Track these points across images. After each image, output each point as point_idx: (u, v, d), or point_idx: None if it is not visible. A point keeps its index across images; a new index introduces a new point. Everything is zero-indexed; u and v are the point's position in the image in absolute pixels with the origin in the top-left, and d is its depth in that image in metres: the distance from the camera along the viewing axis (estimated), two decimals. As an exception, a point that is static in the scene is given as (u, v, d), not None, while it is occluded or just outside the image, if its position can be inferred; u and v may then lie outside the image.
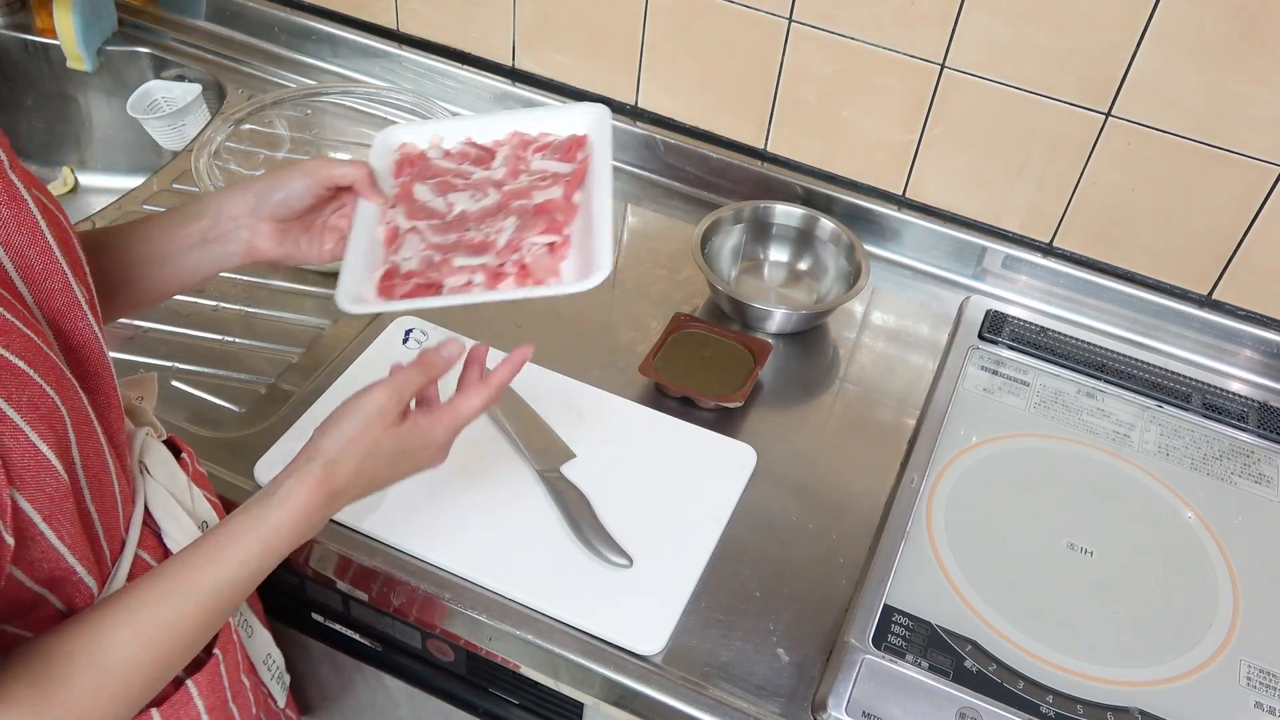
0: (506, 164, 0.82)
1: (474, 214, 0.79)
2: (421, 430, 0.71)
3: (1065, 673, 0.81)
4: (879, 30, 1.09)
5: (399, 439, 0.70)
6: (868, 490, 0.94)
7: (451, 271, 0.76)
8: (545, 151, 0.83)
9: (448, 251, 0.77)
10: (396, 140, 0.83)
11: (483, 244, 0.78)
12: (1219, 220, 1.06)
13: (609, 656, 0.79)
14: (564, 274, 0.76)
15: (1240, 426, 1.03)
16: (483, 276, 0.76)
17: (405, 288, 0.76)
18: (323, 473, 0.67)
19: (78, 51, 1.33)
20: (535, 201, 0.79)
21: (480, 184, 0.81)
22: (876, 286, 1.17)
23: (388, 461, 0.70)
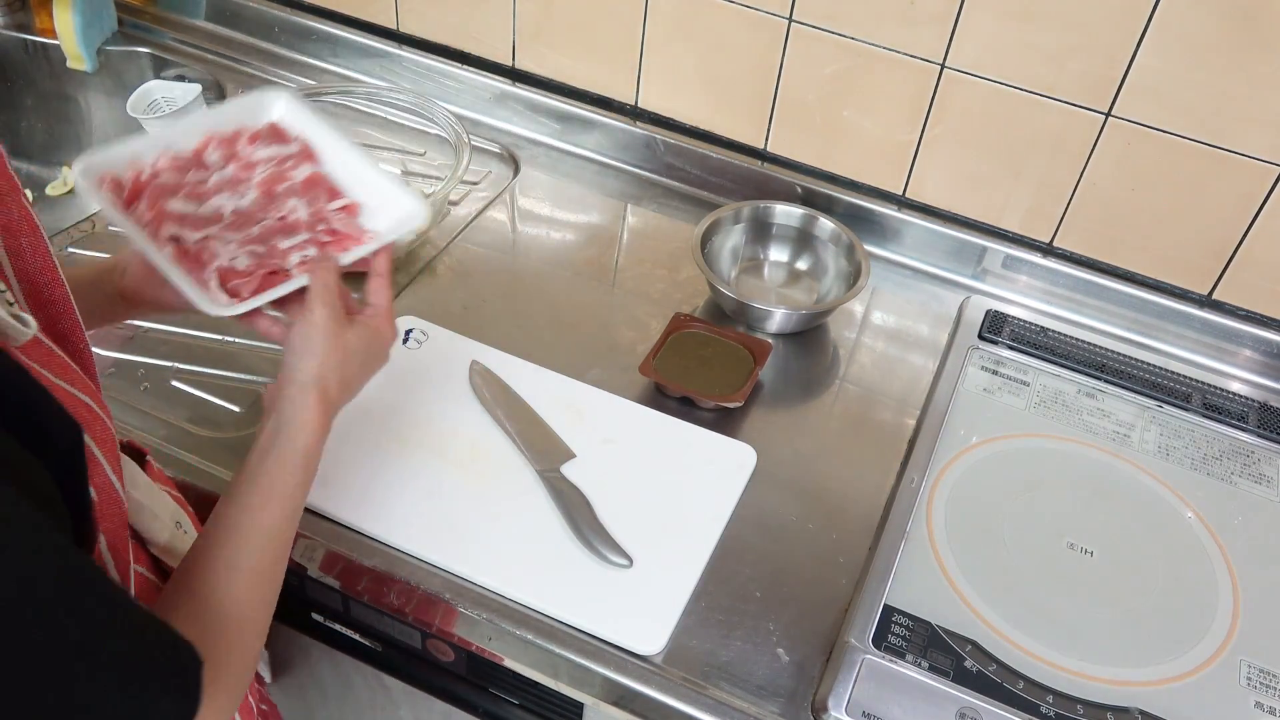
0: (228, 161, 0.81)
1: (252, 207, 0.79)
2: (369, 323, 0.77)
3: (1065, 673, 0.81)
4: (879, 30, 1.09)
5: (359, 333, 0.76)
6: (868, 490, 0.94)
7: (284, 254, 0.78)
8: (256, 142, 0.82)
9: (264, 241, 0.78)
10: (95, 176, 0.77)
11: (289, 225, 0.79)
12: (1219, 220, 1.06)
13: (609, 656, 0.79)
14: (378, 228, 0.81)
15: (1240, 426, 1.03)
16: (314, 250, 0.78)
17: (254, 283, 0.76)
18: (317, 391, 0.72)
19: (78, 51, 1.33)
20: (298, 180, 0.81)
21: (227, 183, 0.80)
22: (876, 286, 1.17)
23: (360, 361, 0.76)
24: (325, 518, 0.86)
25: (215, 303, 0.74)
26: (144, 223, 0.75)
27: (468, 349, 1.00)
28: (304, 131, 0.83)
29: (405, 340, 1.01)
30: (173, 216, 0.76)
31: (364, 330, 0.76)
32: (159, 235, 0.76)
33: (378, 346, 0.78)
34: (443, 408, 0.95)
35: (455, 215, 1.19)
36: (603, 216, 1.23)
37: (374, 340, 0.77)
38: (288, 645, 1.05)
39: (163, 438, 0.91)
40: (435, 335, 1.02)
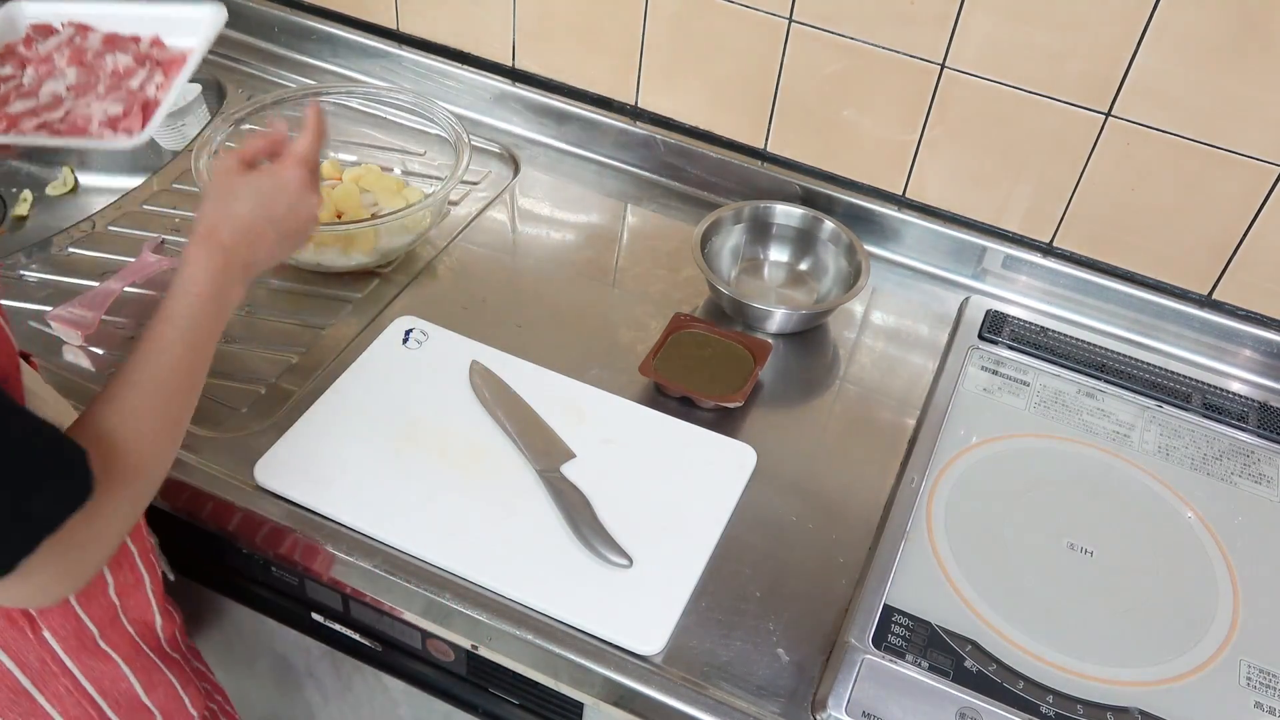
0: (23, 65, 0.85)
1: (81, 80, 0.84)
2: (269, 170, 0.80)
3: (1065, 673, 0.81)
4: (879, 30, 1.09)
5: (253, 179, 0.79)
6: (868, 490, 0.94)
7: (2, 117, 0.80)
8: (31, 44, 0.86)
9: (22, 97, 0.82)
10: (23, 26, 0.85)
11: (122, 74, 0.84)
12: (1219, 220, 1.06)
13: (609, 656, 0.79)
14: (191, 44, 0.86)
15: (1240, 426, 1.03)
16: (33, 121, 0.80)
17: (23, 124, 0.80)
18: (202, 230, 0.75)
19: (78, 51, 1.32)
20: (98, 45, 0.86)
21: (43, 75, 0.84)
22: (876, 286, 1.17)
23: (256, 201, 0.78)
24: (325, 518, 0.86)
25: None
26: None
27: (468, 349, 1.00)
28: (63, 14, 0.88)
29: (405, 340, 1.01)
30: (22, 114, 0.80)
31: (260, 174, 0.79)
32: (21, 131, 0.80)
33: (281, 188, 0.80)
34: (443, 408, 0.95)
35: (455, 215, 1.19)
36: (603, 216, 1.23)
37: (273, 182, 0.79)
38: (287, 645, 1.05)
39: (163, 438, 0.91)
40: (435, 335, 1.02)
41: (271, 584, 0.97)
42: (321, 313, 1.05)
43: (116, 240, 1.11)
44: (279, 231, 0.79)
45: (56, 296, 1.03)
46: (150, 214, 1.15)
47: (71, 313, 1.00)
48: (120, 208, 1.15)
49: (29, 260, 1.07)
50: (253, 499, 0.87)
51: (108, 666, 0.79)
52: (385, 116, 1.28)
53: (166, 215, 1.15)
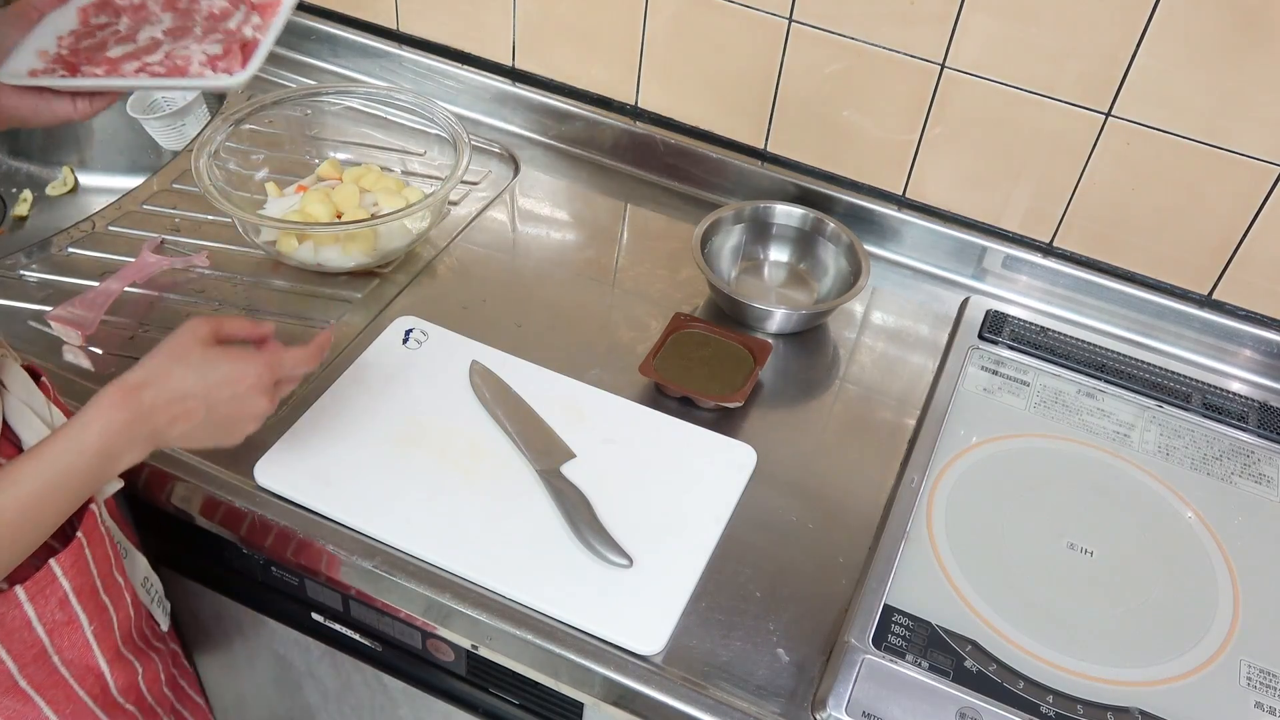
0: (118, 14, 0.85)
1: (175, 24, 0.83)
2: (234, 354, 0.74)
3: (1065, 673, 0.81)
4: (879, 30, 1.09)
5: (209, 355, 0.72)
6: (868, 490, 0.94)
7: (102, 62, 0.79)
8: None
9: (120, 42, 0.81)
10: (22, 71, 0.80)
11: (218, 15, 0.83)
12: (1219, 220, 1.06)
13: (609, 656, 0.79)
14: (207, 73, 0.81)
15: (1240, 426, 1.03)
16: (134, 65, 0.79)
17: (56, 69, 0.78)
18: (132, 380, 0.69)
19: (78, 51, 1.32)
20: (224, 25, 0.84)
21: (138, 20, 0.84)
22: (876, 286, 1.17)
23: (199, 378, 0.71)
24: (325, 518, 0.86)
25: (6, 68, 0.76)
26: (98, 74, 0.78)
27: (468, 349, 1.00)
28: None
29: (405, 340, 1.01)
30: (121, 59, 0.79)
31: (222, 353, 0.73)
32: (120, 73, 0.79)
33: (235, 378, 0.73)
34: (443, 408, 0.95)
35: (455, 215, 1.19)
36: (603, 216, 1.23)
37: (229, 367, 0.73)
38: (287, 645, 1.05)
39: (163, 438, 0.91)
40: (435, 335, 1.02)
41: (271, 584, 0.97)
42: (321, 313, 1.05)
43: (116, 240, 1.11)
44: (212, 418, 0.73)
45: (56, 296, 1.03)
46: (150, 214, 1.15)
47: (71, 313, 1.00)
48: (120, 208, 1.15)
49: (29, 260, 1.07)
50: (253, 499, 0.87)
51: (27, 709, 0.73)
52: (385, 116, 1.28)
53: (166, 215, 1.15)
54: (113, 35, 0.82)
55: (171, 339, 0.73)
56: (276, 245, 1.09)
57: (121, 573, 0.80)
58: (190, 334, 0.73)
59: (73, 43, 0.81)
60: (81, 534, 0.72)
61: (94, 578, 0.74)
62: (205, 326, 0.74)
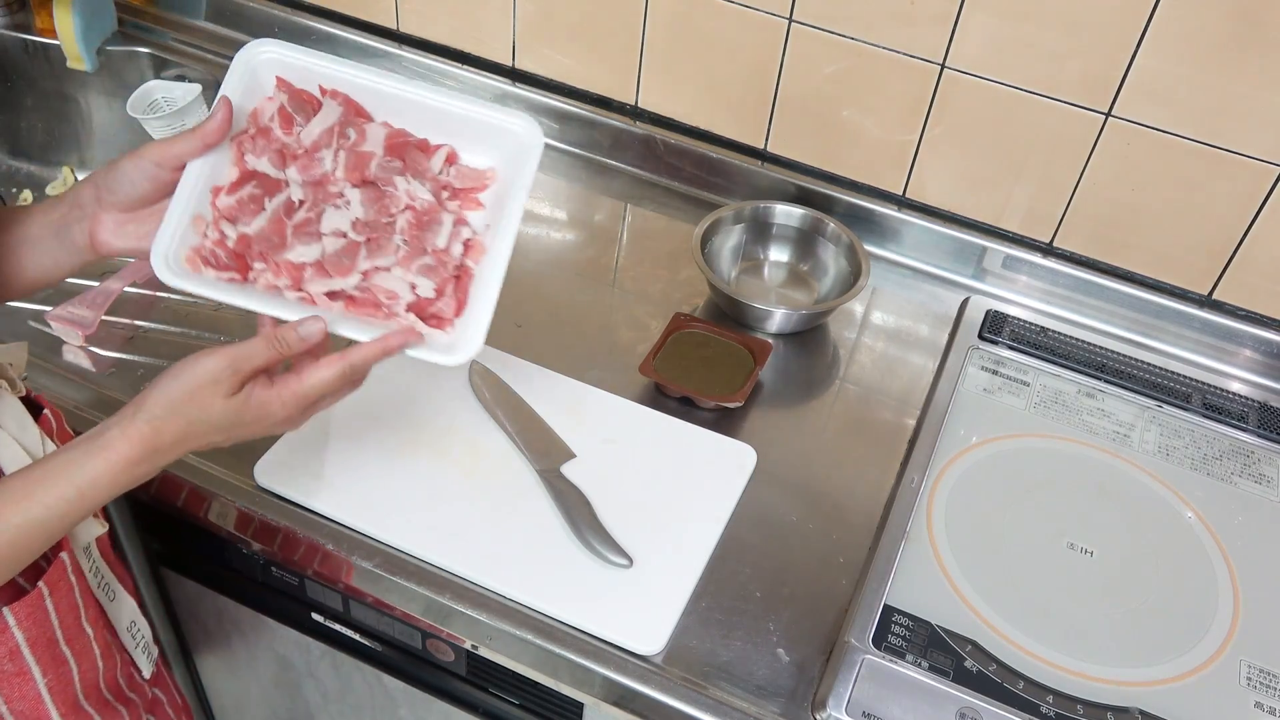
0: (285, 163, 0.72)
1: (369, 214, 0.71)
2: (257, 404, 0.68)
3: (1065, 673, 0.81)
4: (879, 30, 1.09)
5: (229, 411, 0.67)
6: (868, 490, 0.94)
7: (283, 267, 0.68)
8: (291, 125, 0.72)
9: (302, 235, 0.68)
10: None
11: (424, 216, 0.69)
12: (1219, 220, 1.06)
13: (609, 656, 0.79)
14: (493, 164, 0.70)
15: (1240, 426, 1.03)
16: (322, 285, 0.67)
17: (219, 261, 0.68)
18: (148, 429, 0.65)
19: (78, 51, 1.33)
20: (379, 150, 0.71)
21: (315, 191, 0.71)
22: (876, 286, 1.17)
23: (219, 427, 0.68)
24: (325, 518, 0.86)
25: (159, 254, 0.66)
26: (279, 286, 0.68)
27: None
28: (322, 74, 0.72)
29: (405, 340, 1.01)
30: (307, 269, 0.68)
31: (244, 405, 0.67)
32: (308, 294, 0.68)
33: (257, 423, 0.69)
34: (443, 408, 0.95)
35: (455, 215, 1.19)
36: (603, 216, 1.23)
37: (252, 416, 0.68)
38: (287, 645, 1.05)
39: (163, 438, 0.91)
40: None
41: (271, 584, 0.97)
42: (321, 313, 1.05)
43: (116, 240, 1.11)
44: (232, 438, 0.69)
45: (56, 296, 1.03)
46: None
47: (71, 313, 1.00)
48: (120, 208, 1.15)
49: (29, 260, 1.07)
50: (253, 499, 0.87)
51: None
52: (385, 116, 1.28)
53: (166, 215, 1.14)
54: (289, 216, 0.69)
55: (184, 385, 0.66)
56: (276, 245, 1.09)
57: (94, 622, 0.76)
58: (211, 386, 0.66)
59: (236, 211, 0.69)
60: (44, 584, 0.69)
61: (54, 629, 0.71)
62: (225, 376, 0.67)
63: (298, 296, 0.68)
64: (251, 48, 0.72)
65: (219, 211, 0.69)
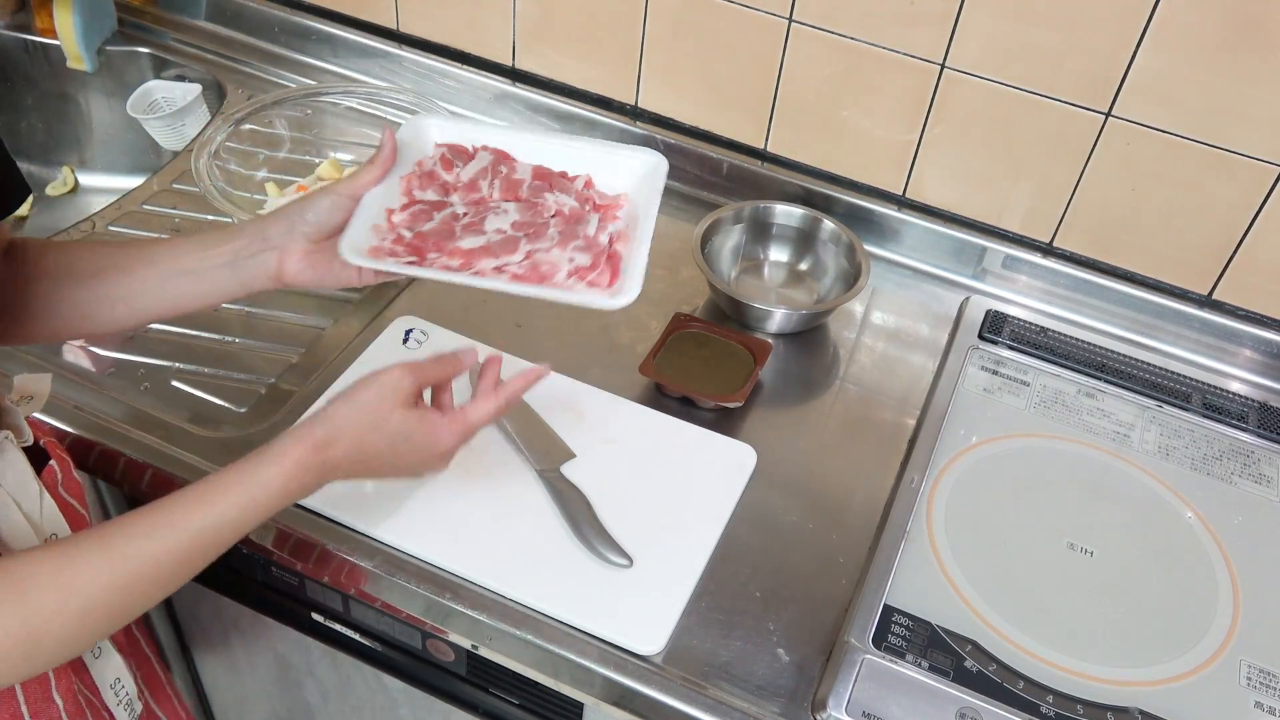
0: (448, 191, 0.82)
1: (523, 217, 0.80)
2: (430, 424, 0.73)
3: (1065, 673, 0.81)
4: (879, 30, 1.09)
5: (406, 423, 0.71)
6: (868, 490, 0.94)
7: (455, 253, 0.77)
8: (452, 167, 0.83)
9: (469, 232, 0.78)
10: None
11: (571, 216, 0.79)
12: (1219, 220, 1.06)
13: (609, 656, 0.79)
14: (625, 187, 0.81)
15: (1240, 426, 1.03)
16: (491, 262, 0.76)
17: (397, 253, 0.76)
18: (323, 436, 0.68)
19: (78, 51, 1.33)
20: (528, 177, 0.82)
21: (476, 207, 0.81)
22: (876, 286, 1.17)
23: (390, 443, 0.71)
24: (325, 518, 0.86)
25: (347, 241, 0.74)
26: (452, 266, 0.76)
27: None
28: (475, 138, 0.85)
29: (405, 340, 1.01)
30: (475, 253, 0.77)
31: (419, 422, 0.72)
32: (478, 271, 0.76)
33: (424, 449, 0.73)
34: (443, 408, 0.95)
35: (455, 215, 1.19)
36: (603, 216, 1.22)
37: (422, 437, 0.72)
38: (287, 645, 1.05)
39: (162, 438, 0.91)
40: (435, 335, 1.02)
41: (271, 584, 0.97)
42: (321, 313, 1.05)
43: (118, 239, 1.11)
44: (387, 469, 0.73)
45: (56, 296, 1.02)
46: (150, 214, 1.15)
47: (71, 313, 1.00)
48: (120, 208, 1.15)
49: (29, 260, 1.07)
50: (253, 499, 0.87)
51: None
52: (385, 116, 1.28)
53: (166, 215, 1.15)
54: (456, 220, 0.79)
55: (369, 391, 0.71)
56: (276, 245, 1.09)
57: (65, 692, 0.73)
58: (392, 392, 0.71)
59: (409, 221, 0.78)
60: None
61: (19, 704, 0.70)
62: (408, 381, 0.71)
63: (471, 271, 0.76)
64: (415, 121, 0.85)
65: (393, 223, 0.79)
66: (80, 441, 0.91)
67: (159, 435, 0.91)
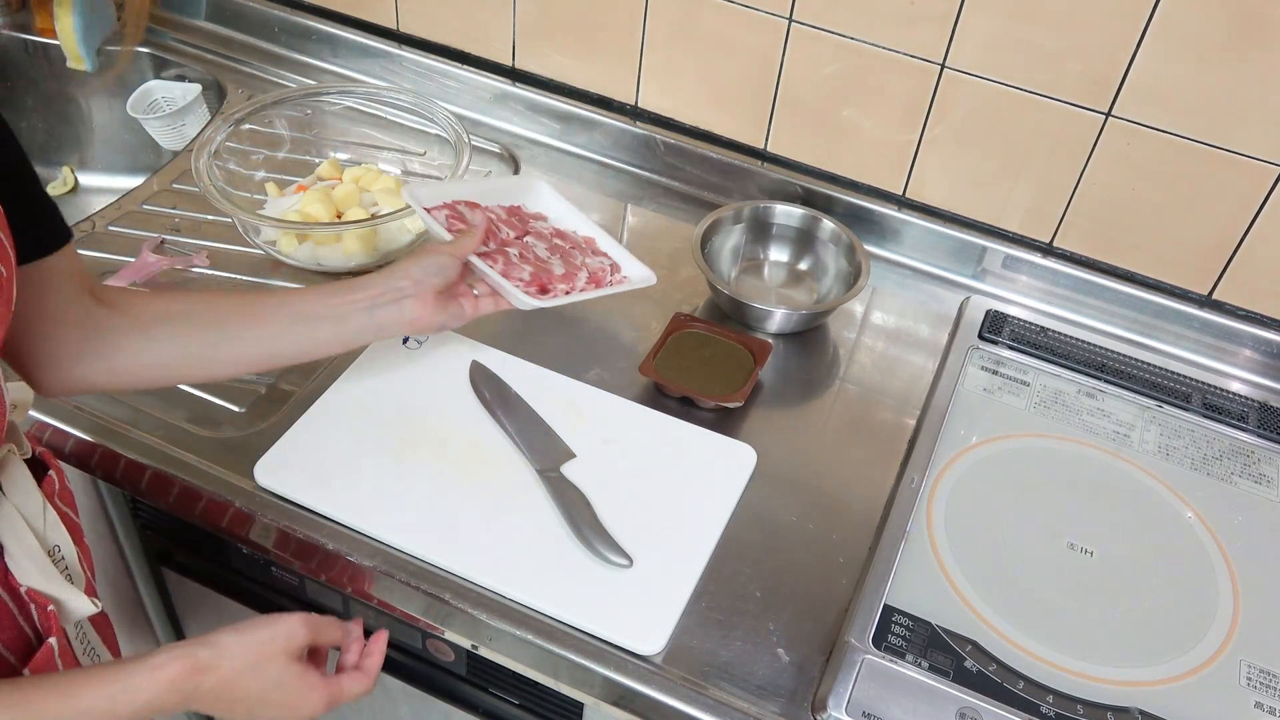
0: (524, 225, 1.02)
1: (551, 250, 1.00)
2: (308, 682, 0.73)
3: (1065, 673, 0.81)
4: (879, 30, 1.09)
5: (286, 673, 0.71)
6: (868, 490, 0.94)
7: (559, 279, 0.96)
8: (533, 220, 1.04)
9: (567, 258, 1.00)
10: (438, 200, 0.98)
11: (576, 267, 0.99)
12: (1219, 220, 1.06)
13: (609, 656, 0.79)
14: (631, 276, 1.01)
15: (1240, 426, 1.03)
16: (585, 278, 0.98)
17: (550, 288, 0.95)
18: (205, 659, 0.67)
19: (78, 51, 1.33)
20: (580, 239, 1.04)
21: (531, 234, 1.01)
22: (876, 286, 1.17)
23: (261, 690, 0.70)
24: (325, 518, 0.86)
25: (517, 298, 0.90)
26: (491, 246, 0.95)
27: (468, 349, 1.00)
28: (558, 213, 1.06)
29: (405, 340, 1.01)
30: (561, 277, 0.96)
31: (300, 676, 0.72)
32: (496, 252, 0.95)
33: (292, 703, 0.72)
34: (443, 408, 0.95)
35: (455, 215, 1.19)
36: (603, 216, 1.23)
37: (296, 691, 0.72)
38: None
39: (163, 438, 0.91)
40: (435, 335, 1.02)
41: (271, 584, 0.97)
42: (321, 313, 1.05)
43: (116, 240, 1.11)
44: (251, 710, 0.71)
45: (56, 296, 1.02)
46: (150, 214, 1.15)
47: (71, 313, 1.00)
48: (120, 208, 1.15)
49: (29, 260, 1.07)
50: (253, 499, 0.87)
51: None
52: (385, 116, 1.28)
53: (166, 215, 1.15)
54: (538, 262, 0.97)
55: (264, 631, 0.71)
56: (276, 245, 1.09)
57: None
58: (285, 639, 0.71)
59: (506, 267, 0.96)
60: (28, 671, 0.68)
61: None
62: (302, 633, 0.72)
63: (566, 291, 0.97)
64: (422, 190, 1.00)
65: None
66: (81, 442, 0.91)
67: (159, 435, 0.91)
